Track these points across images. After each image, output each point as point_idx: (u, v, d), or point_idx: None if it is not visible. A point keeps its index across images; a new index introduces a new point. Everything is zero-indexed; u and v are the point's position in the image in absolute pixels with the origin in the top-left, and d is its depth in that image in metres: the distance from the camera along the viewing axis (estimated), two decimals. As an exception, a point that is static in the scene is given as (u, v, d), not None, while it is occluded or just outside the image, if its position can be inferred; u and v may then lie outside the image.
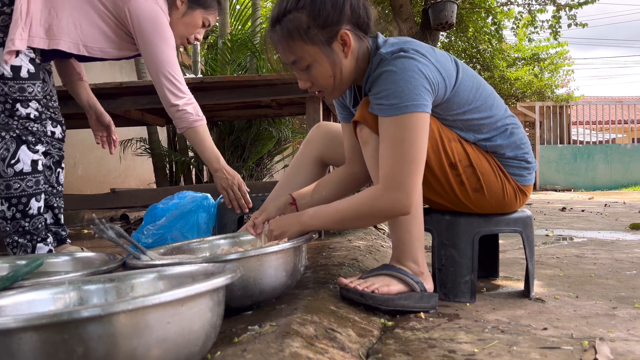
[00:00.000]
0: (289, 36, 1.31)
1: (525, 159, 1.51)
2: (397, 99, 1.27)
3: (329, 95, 1.43)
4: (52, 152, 2.07)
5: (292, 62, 1.36)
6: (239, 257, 1.15)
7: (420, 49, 1.33)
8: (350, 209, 1.33)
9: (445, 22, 6.62)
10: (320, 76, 1.36)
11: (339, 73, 1.36)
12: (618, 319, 1.31)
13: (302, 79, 1.39)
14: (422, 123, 1.29)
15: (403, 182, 1.27)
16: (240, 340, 0.98)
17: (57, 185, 2.09)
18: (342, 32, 1.32)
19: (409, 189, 1.27)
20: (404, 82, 1.28)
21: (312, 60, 1.33)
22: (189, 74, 4.24)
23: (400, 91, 1.28)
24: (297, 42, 1.32)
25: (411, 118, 1.27)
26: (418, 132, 1.28)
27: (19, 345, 0.69)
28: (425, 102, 1.29)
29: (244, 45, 3.83)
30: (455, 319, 1.32)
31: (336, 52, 1.34)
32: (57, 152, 2.08)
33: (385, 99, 1.29)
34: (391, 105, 1.28)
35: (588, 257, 2.27)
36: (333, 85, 1.38)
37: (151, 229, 2.07)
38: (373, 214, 1.31)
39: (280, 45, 1.34)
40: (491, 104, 1.46)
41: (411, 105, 1.27)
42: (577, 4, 8.48)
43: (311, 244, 2.22)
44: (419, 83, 1.28)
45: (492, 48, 10.70)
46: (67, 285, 1.00)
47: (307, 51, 1.32)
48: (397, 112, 1.28)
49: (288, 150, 5.03)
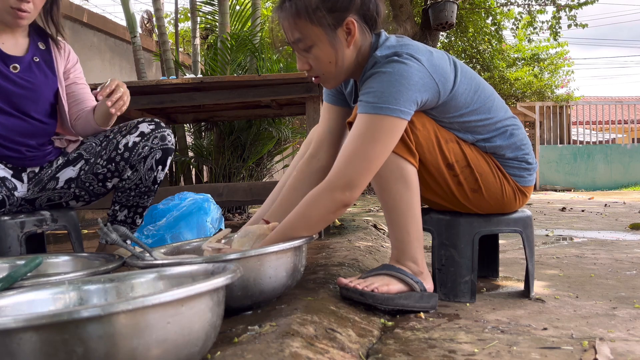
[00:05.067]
0: (296, 13, 1.33)
1: (526, 159, 1.50)
2: (376, 98, 1.29)
3: (325, 83, 1.44)
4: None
5: (294, 41, 1.37)
6: (239, 257, 1.15)
7: (416, 54, 1.33)
8: (301, 219, 1.31)
9: (445, 22, 6.62)
10: (320, 60, 1.36)
11: (339, 60, 1.36)
12: (618, 319, 1.31)
13: (302, 60, 1.40)
14: (391, 127, 1.29)
15: (347, 176, 1.28)
16: (240, 340, 0.98)
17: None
18: (348, 19, 1.34)
19: (352, 184, 1.28)
20: (388, 84, 1.29)
21: (315, 42, 1.35)
22: (189, 74, 4.23)
23: (380, 92, 1.29)
24: (303, 20, 1.33)
25: (382, 120, 1.28)
26: (383, 133, 1.28)
27: (19, 345, 0.69)
28: (403, 108, 1.29)
29: (244, 45, 3.82)
30: (455, 319, 1.32)
31: (339, 39, 1.35)
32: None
33: (366, 95, 1.31)
34: (368, 103, 1.30)
35: (588, 257, 2.27)
36: (331, 72, 1.39)
37: (151, 229, 2.08)
38: (319, 214, 1.31)
39: (287, 21, 1.36)
40: (490, 106, 1.46)
41: (386, 108, 1.28)
42: (577, 4, 8.48)
43: (311, 244, 2.22)
44: (404, 89, 1.29)
45: (492, 48, 10.69)
46: (67, 285, 1.00)
47: (312, 31, 1.34)
48: (371, 111, 1.29)
49: (288, 150, 5.02)
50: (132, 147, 1.78)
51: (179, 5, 13.21)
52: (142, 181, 1.83)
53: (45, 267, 1.36)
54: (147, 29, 6.71)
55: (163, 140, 1.81)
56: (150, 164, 1.81)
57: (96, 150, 1.82)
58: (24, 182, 1.78)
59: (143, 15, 6.84)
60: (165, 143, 1.81)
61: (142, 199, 1.88)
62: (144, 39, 5.34)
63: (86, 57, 4.51)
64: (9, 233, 1.67)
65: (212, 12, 4.52)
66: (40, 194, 1.79)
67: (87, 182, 1.81)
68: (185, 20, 7.95)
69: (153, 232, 2.07)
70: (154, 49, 5.49)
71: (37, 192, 1.79)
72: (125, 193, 1.85)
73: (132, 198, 1.86)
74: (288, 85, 2.72)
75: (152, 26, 6.57)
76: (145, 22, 6.75)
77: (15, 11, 1.66)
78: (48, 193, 1.80)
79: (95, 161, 1.80)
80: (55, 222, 1.79)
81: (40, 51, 1.82)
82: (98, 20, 4.74)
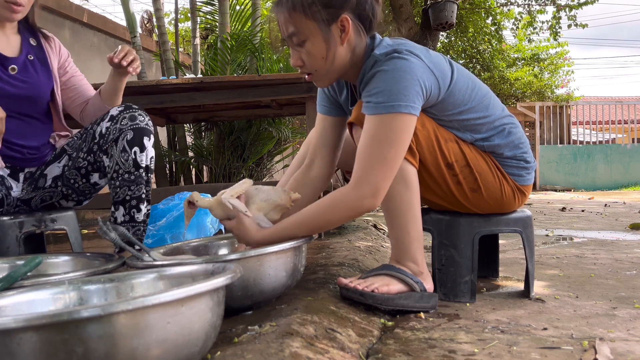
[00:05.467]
0: (292, 7, 1.34)
1: (524, 158, 1.51)
2: (384, 97, 1.28)
3: (318, 81, 1.44)
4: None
5: (289, 35, 1.37)
6: (239, 257, 1.15)
7: (414, 50, 1.34)
8: (318, 214, 1.32)
9: (445, 22, 6.62)
10: (312, 55, 1.36)
11: (332, 57, 1.36)
12: (618, 319, 1.31)
13: (295, 55, 1.40)
14: (405, 124, 1.29)
15: (371, 179, 1.28)
16: (240, 341, 0.98)
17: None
18: (343, 16, 1.34)
19: (376, 187, 1.28)
20: (394, 81, 1.29)
21: (308, 36, 1.35)
22: (189, 74, 4.23)
23: (388, 90, 1.28)
24: (298, 14, 1.34)
25: (395, 118, 1.28)
26: (398, 133, 1.29)
27: (19, 345, 0.69)
28: (412, 104, 1.29)
29: (243, 45, 3.82)
30: (455, 319, 1.32)
31: (333, 35, 1.35)
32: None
33: (373, 96, 1.30)
34: (377, 104, 1.29)
35: (588, 257, 2.27)
36: (323, 69, 1.38)
37: (151, 230, 2.08)
38: (340, 214, 1.31)
39: (282, 15, 1.36)
40: (487, 103, 1.46)
41: (397, 106, 1.28)
42: (577, 4, 8.47)
43: (311, 244, 2.22)
44: (410, 84, 1.29)
45: (492, 48, 10.70)
46: (67, 285, 1.00)
47: (306, 25, 1.34)
48: (382, 111, 1.29)
49: (288, 150, 5.02)
50: (105, 133, 1.72)
51: (179, 5, 13.21)
52: (120, 166, 1.71)
53: (45, 267, 1.36)
54: (147, 29, 6.72)
55: (133, 120, 1.71)
56: (122, 145, 1.69)
57: (77, 144, 1.78)
58: (19, 182, 1.77)
59: (143, 15, 6.85)
60: (136, 123, 1.70)
61: (130, 190, 1.73)
62: (144, 39, 5.34)
63: (86, 57, 4.51)
64: (7, 233, 1.66)
65: (212, 12, 4.52)
66: (34, 193, 1.78)
67: (72, 179, 1.77)
68: (185, 20, 7.96)
69: (153, 232, 2.08)
70: (154, 49, 5.50)
71: (31, 192, 1.77)
72: (113, 187, 1.75)
73: (120, 190, 1.74)
74: (288, 85, 2.72)
75: (152, 26, 6.58)
76: (145, 22, 6.76)
77: (10, 5, 1.62)
78: (40, 192, 1.78)
79: (77, 155, 1.77)
80: (54, 222, 1.79)
81: (33, 48, 1.79)
82: (98, 20, 4.74)
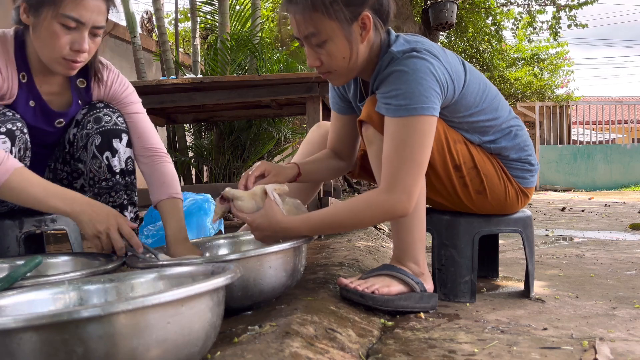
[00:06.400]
0: (312, 7, 1.28)
1: (529, 160, 1.51)
2: (407, 100, 1.26)
3: (335, 79, 1.40)
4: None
5: (306, 36, 1.32)
6: (239, 257, 1.15)
7: (432, 50, 1.32)
8: (350, 213, 1.32)
9: (445, 22, 6.62)
10: (334, 55, 1.32)
11: (354, 56, 1.33)
12: (618, 319, 1.31)
13: (313, 56, 1.35)
14: (428, 126, 1.28)
15: (405, 184, 1.27)
16: (240, 341, 0.98)
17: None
18: (364, 14, 1.30)
19: (410, 191, 1.27)
20: (415, 83, 1.27)
21: (330, 36, 1.30)
22: (189, 74, 4.23)
23: (410, 92, 1.26)
24: (318, 15, 1.28)
25: (419, 121, 1.27)
26: (424, 135, 1.28)
27: (19, 345, 0.69)
28: (434, 105, 1.28)
29: (243, 45, 3.82)
30: (455, 319, 1.32)
31: (355, 34, 1.31)
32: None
33: (394, 99, 1.28)
34: (399, 106, 1.27)
35: (588, 257, 2.27)
36: (343, 68, 1.35)
37: (151, 229, 2.07)
38: (373, 216, 1.31)
39: (300, 15, 1.30)
40: (496, 105, 1.46)
41: (420, 108, 1.26)
42: (577, 4, 8.48)
43: (311, 244, 2.22)
44: (430, 85, 1.27)
45: (492, 48, 10.69)
46: (67, 285, 1.00)
47: (327, 26, 1.29)
48: (405, 114, 1.27)
49: (288, 150, 5.02)
50: (73, 141, 1.61)
51: (179, 5, 13.21)
52: (94, 174, 1.59)
53: (45, 267, 1.36)
54: (147, 29, 6.72)
55: (98, 123, 1.57)
56: (92, 151, 1.57)
57: (56, 156, 1.69)
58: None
59: (143, 15, 6.85)
60: (102, 125, 1.56)
61: (111, 197, 1.61)
62: (144, 39, 5.34)
63: (86, 57, 4.51)
64: (7, 233, 1.64)
65: (212, 12, 4.52)
66: None
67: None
68: (185, 20, 7.95)
69: (153, 232, 2.07)
70: (154, 49, 5.50)
71: None
72: (95, 195, 1.64)
73: (102, 199, 1.62)
74: (288, 85, 2.72)
75: (152, 26, 6.58)
76: (145, 22, 6.76)
77: (69, 62, 1.45)
78: None
79: (55, 167, 1.69)
80: (54, 222, 1.79)
81: (80, 93, 1.63)
82: (98, 20, 4.73)
